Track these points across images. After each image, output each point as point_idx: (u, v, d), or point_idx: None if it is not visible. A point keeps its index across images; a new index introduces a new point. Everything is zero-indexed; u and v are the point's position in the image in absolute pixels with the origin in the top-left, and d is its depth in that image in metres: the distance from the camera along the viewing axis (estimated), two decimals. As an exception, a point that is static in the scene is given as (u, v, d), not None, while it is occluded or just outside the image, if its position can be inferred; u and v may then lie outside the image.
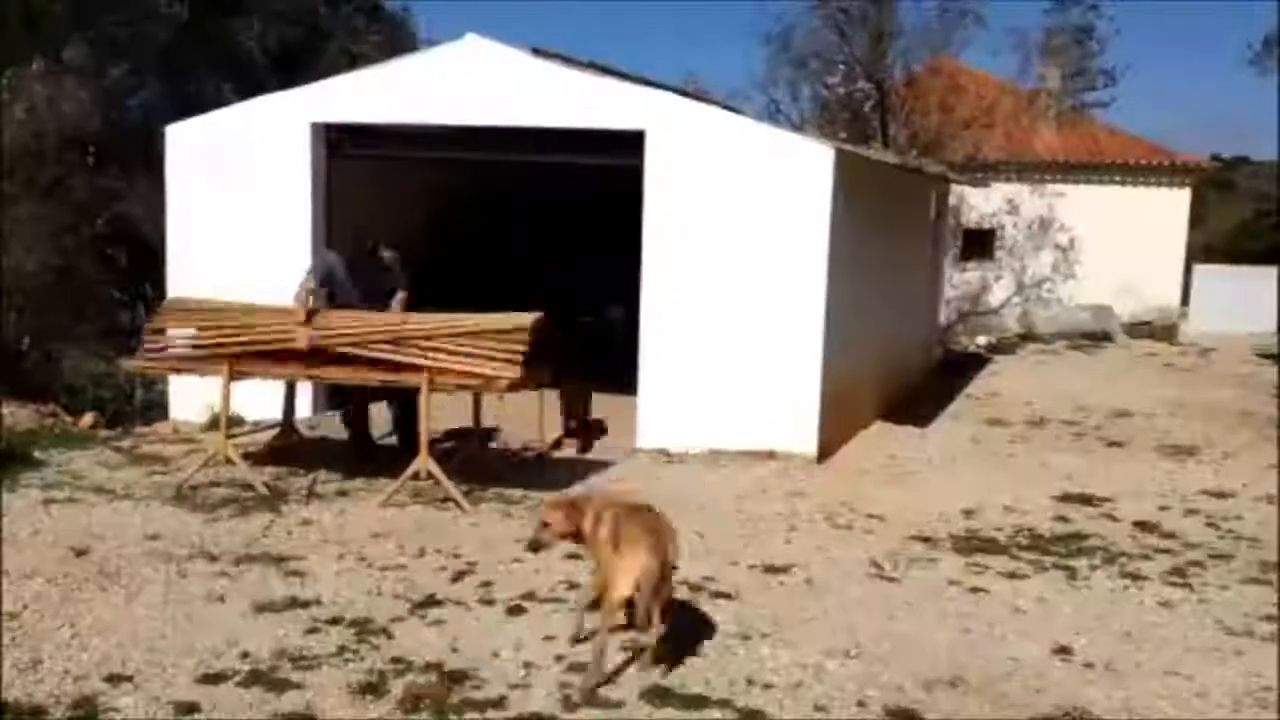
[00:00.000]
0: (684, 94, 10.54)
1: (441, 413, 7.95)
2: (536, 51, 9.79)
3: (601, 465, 8.85)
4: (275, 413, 8.79)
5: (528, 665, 4.96)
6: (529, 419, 9.12)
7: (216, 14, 17.77)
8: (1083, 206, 20.93)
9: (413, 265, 8.79)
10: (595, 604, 5.05)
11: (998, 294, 20.91)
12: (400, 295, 8.53)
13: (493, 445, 9.07)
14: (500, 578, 6.12)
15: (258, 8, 18.51)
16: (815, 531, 7.26)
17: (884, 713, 4.68)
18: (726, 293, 9.22)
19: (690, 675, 4.90)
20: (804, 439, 9.14)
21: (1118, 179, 21.87)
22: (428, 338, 7.62)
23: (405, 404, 8.37)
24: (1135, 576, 6.57)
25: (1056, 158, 21.69)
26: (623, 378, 9.71)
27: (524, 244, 13.63)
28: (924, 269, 14.54)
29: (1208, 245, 29.31)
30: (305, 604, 5.64)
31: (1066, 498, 8.41)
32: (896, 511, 7.79)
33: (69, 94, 14.38)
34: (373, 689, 4.71)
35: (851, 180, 9.44)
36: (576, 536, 5.00)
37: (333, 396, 9.75)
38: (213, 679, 4.76)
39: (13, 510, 7.15)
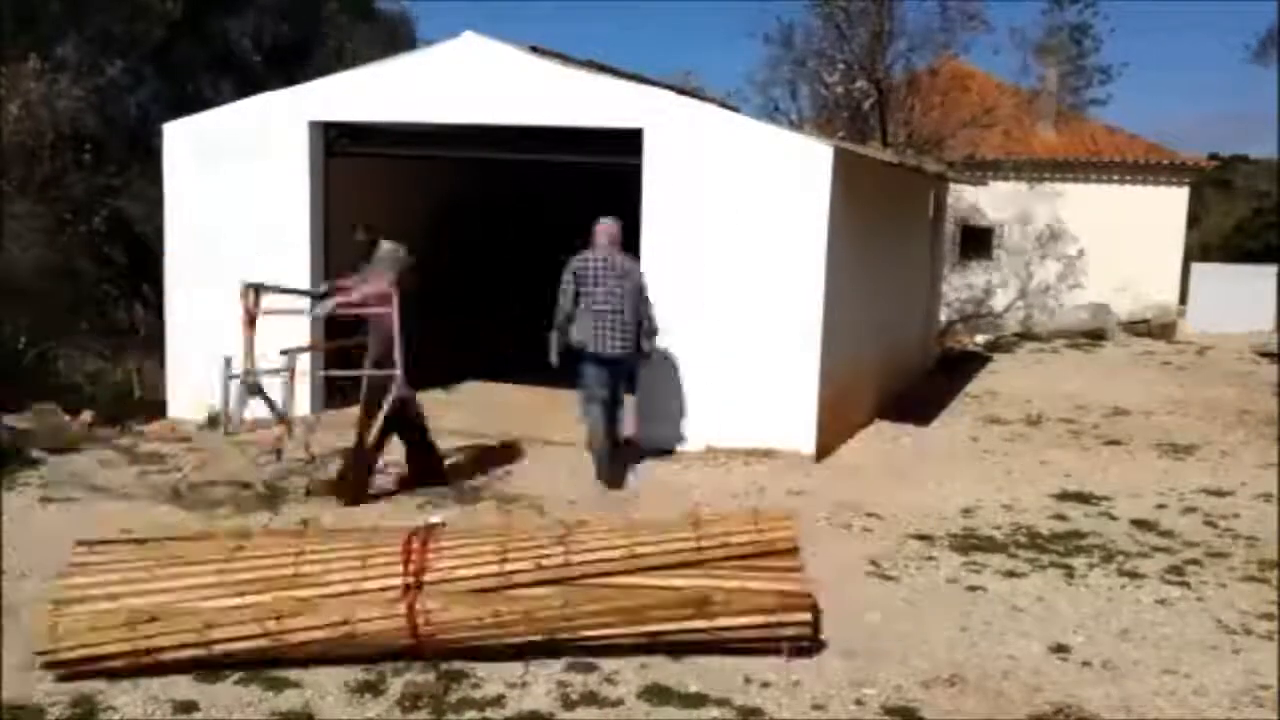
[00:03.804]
0: (683, 92, 10.53)
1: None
2: (534, 50, 9.79)
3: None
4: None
5: (526, 663, 4.96)
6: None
7: (213, 11, 17.72)
8: (1081, 205, 20.96)
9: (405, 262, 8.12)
10: None
11: (998, 294, 20.92)
12: (327, 305, 7.93)
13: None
14: (498, 576, 6.11)
15: (255, 5, 18.47)
16: (813, 530, 7.25)
17: (882, 711, 4.68)
18: (725, 290, 9.21)
19: (688, 673, 4.90)
20: (802, 437, 9.13)
21: (1116, 178, 21.89)
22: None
23: (419, 429, 7.99)
24: (1133, 575, 6.58)
25: (1055, 156, 21.70)
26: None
27: (522, 243, 13.64)
28: (923, 267, 14.54)
29: (1205, 244, 29.35)
30: (303, 602, 5.62)
31: (1064, 496, 8.42)
32: (895, 510, 7.79)
33: (64, 92, 14.35)
34: (371, 687, 4.71)
35: (850, 178, 9.44)
36: None
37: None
38: (211, 677, 4.76)
39: (10, 509, 7.15)
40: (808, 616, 5.02)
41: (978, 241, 21.47)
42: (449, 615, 4.81)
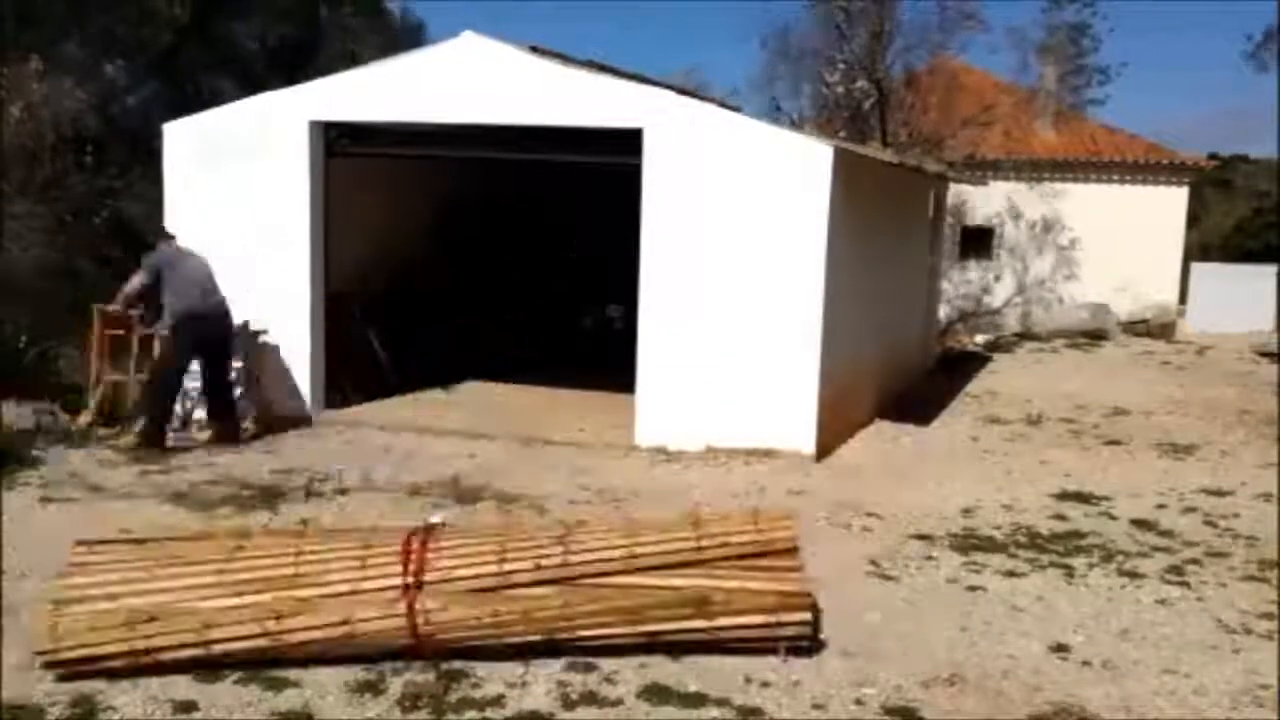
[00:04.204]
0: (682, 92, 10.54)
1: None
2: (534, 50, 9.79)
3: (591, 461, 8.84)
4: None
5: (526, 663, 4.96)
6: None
7: (220, 15, 17.73)
8: (1081, 205, 20.96)
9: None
10: None
11: (999, 293, 20.95)
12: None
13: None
14: (498, 576, 6.10)
15: (258, 7, 18.47)
16: (814, 530, 7.24)
17: (882, 710, 4.68)
18: (725, 290, 9.22)
19: (688, 673, 4.90)
20: (803, 437, 9.14)
21: (1116, 177, 21.89)
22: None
23: (220, 363, 8.43)
24: (1133, 574, 6.58)
25: (1055, 156, 21.70)
26: (621, 375, 9.73)
27: (522, 242, 13.64)
28: (922, 267, 14.55)
29: (1205, 244, 29.34)
30: (303, 602, 5.62)
31: (1064, 496, 8.42)
32: (895, 510, 7.79)
33: (66, 92, 14.34)
34: (371, 687, 4.71)
35: (850, 178, 9.44)
36: None
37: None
38: (210, 677, 4.76)
39: (10, 509, 7.15)
40: (807, 616, 5.01)
41: (977, 241, 21.48)
42: (448, 615, 4.80)
